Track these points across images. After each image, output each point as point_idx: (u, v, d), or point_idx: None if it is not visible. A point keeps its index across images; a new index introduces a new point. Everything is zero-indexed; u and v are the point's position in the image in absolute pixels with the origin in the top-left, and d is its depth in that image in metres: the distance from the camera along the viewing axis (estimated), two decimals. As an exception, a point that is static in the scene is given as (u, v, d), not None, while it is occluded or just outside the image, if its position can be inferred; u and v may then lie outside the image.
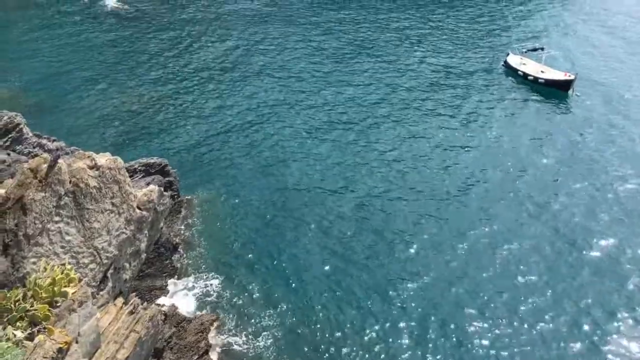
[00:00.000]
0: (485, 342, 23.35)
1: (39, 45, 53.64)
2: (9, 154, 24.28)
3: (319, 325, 24.22)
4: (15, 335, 14.13)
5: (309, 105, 42.89)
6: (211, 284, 26.48)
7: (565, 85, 44.93)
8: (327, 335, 23.79)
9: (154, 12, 63.49)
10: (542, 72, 47.08)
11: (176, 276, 26.98)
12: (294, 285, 26.35)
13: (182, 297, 25.92)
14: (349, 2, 67.14)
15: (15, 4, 64.44)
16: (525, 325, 24.00)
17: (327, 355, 22.96)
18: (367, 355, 22.89)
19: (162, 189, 25.83)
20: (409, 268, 27.09)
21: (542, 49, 49.98)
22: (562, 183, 33.41)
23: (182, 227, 29.84)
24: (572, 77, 44.84)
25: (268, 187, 33.26)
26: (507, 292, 25.68)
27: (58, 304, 15.90)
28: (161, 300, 25.59)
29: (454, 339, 23.51)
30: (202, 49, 54.01)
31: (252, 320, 24.58)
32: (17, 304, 15.02)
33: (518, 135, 38.82)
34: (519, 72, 47.97)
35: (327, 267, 27.33)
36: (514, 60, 49.48)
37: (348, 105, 42.70)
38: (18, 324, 14.71)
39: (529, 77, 46.94)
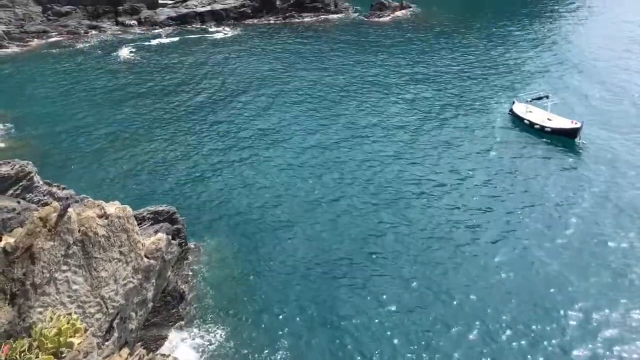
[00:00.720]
0: None
1: (52, 95, 54.73)
2: (19, 202, 24.44)
3: (326, 378, 23.76)
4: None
5: (319, 155, 43.14)
6: (217, 335, 26.16)
7: (572, 133, 45.07)
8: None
9: (166, 62, 64.80)
10: (548, 120, 47.32)
11: (182, 325, 26.71)
12: (302, 340, 25.96)
13: (187, 347, 25.59)
14: (356, 46, 68.45)
15: (31, 56, 66.03)
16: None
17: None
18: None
19: (170, 237, 25.86)
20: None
21: (547, 97, 50.37)
22: (566, 236, 33.16)
23: (190, 275, 29.70)
24: (579, 125, 45.02)
25: (277, 236, 33.17)
26: None
27: (63, 355, 15.74)
28: (166, 349, 25.26)
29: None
30: (211, 98, 54.83)
31: (259, 372, 24.16)
32: (22, 354, 14.88)
33: (526, 184, 38.75)
34: (525, 120, 48.24)
35: (338, 321, 26.97)
36: (519, 108, 49.84)
37: (355, 149, 42.97)
38: (23, 375, 14.55)
39: (536, 126, 47.16)
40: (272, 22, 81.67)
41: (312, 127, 47.85)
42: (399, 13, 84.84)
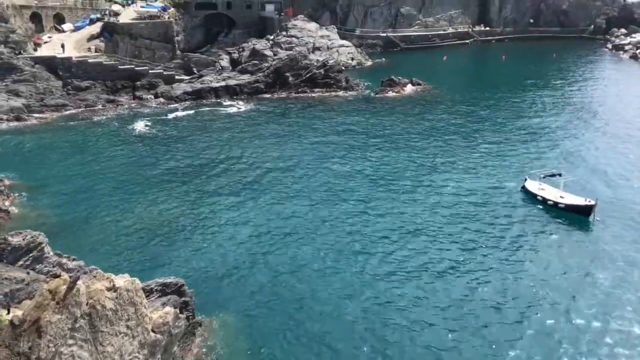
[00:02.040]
0: None
1: (67, 166, 55.54)
2: (28, 273, 24.33)
3: None
4: None
5: (333, 230, 42.99)
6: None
7: (587, 210, 44.78)
8: None
9: (180, 135, 65.95)
10: (561, 197, 47.17)
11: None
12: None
13: None
14: (366, 119, 69.45)
15: (49, 128, 67.52)
16: None
17: None
18: None
19: (178, 310, 25.45)
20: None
21: (560, 174, 50.40)
22: (583, 316, 32.36)
23: (196, 350, 28.98)
24: (593, 202, 44.78)
25: (289, 312, 32.53)
26: None
27: None
28: None
29: None
30: (224, 171, 55.35)
31: None
32: None
33: (539, 262, 38.19)
34: (538, 196, 48.12)
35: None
36: (532, 185, 49.81)
37: (368, 224, 42.79)
38: None
39: (549, 202, 46.98)
40: (284, 96, 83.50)
41: (325, 202, 47.89)
42: (408, 89, 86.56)
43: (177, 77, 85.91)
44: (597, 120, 71.63)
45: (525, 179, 51.19)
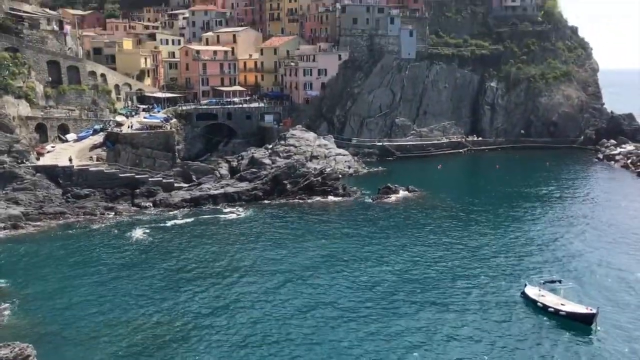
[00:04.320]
0: None
1: (62, 276, 55.13)
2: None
3: None
4: None
5: (332, 341, 42.00)
6: None
7: (588, 319, 43.98)
8: None
9: (178, 243, 65.83)
10: (562, 305, 46.48)
11: None
12: None
13: None
14: (362, 226, 69.53)
15: (46, 236, 67.45)
16: None
17: None
18: None
19: None
20: None
21: (560, 281, 50.02)
22: None
23: None
24: (594, 311, 44.10)
25: None
26: None
27: None
28: None
29: None
30: (223, 281, 54.83)
31: None
32: None
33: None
34: (539, 303, 47.43)
35: None
36: (532, 291, 49.25)
37: (369, 336, 41.76)
38: None
39: (549, 309, 46.23)
40: (282, 203, 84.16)
41: (324, 311, 47.03)
42: (405, 196, 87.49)
43: (176, 184, 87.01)
44: (594, 228, 71.91)
45: (525, 285, 50.68)
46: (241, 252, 62.51)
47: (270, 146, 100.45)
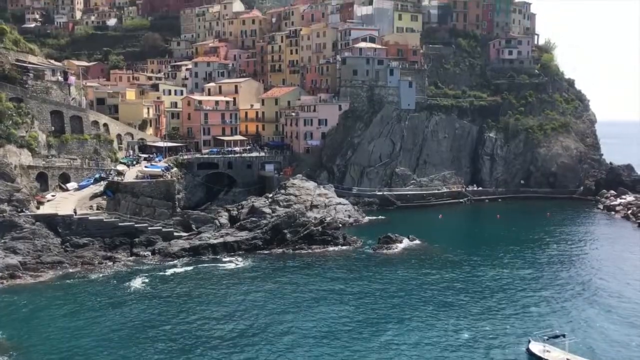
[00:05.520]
0: None
1: (59, 327, 54.43)
2: None
3: None
4: None
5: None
6: None
7: (595, 375, 43.06)
8: None
9: (177, 293, 65.09)
10: (567, 360, 45.63)
11: None
12: None
13: None
14: (362, 276, 68.74)
15: (44, 287, 66.71)
16: None
17: None
18: None
19: None
20: None
21: (564, 335, 49.19)
22: None
23: None
24: (600, 366, 43.21)
25: None
26: None
27: None
28: None
29: None
30: (222, 332, 53.98)
31: None
32: None
33: None
34: None
35: None
36: (536, 347, 48.38)
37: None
38: None
39: (555, 365, 45.31)
40: (282, 253, 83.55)
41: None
42: (406, 246, 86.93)
43: (175, 233, 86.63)
44: (598, 280, 71.20)
45: (529, 341, 49.78)
46: (240, 305, 61.65)
47: (271, 195, 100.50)
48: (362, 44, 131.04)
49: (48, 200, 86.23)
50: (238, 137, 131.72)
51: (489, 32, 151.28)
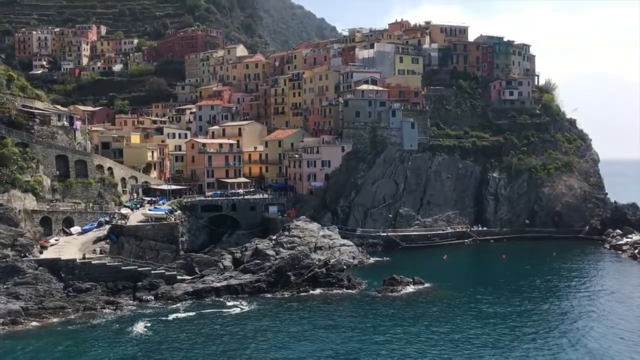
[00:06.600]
0: None
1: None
2: None
3: None
4: None
5: None
6: None
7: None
8: None
9: (179, 338, 64.27)
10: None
11: None
12: None
13: None
14: (368, 320, 67.74)
15: (46, 332, 65.98)
16: None
17: None
18: None
19: None
20: None
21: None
22: None
23: None
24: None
25: None
26: None
27: None
28: None
29: None
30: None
31: None
32: None
33: None
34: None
35: None
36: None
37: None
38: None
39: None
40: (286, 296, 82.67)
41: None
42: (410, 288, 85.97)
43: (179, 277, 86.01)
44: (609, 319, 70.24)
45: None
46: (244, 352, 60.68)
47: (274, 237, 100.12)
48: (364, 86, 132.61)
49: (51, 245, 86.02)
50: (242, 180, 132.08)
51: (489, 73, 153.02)
